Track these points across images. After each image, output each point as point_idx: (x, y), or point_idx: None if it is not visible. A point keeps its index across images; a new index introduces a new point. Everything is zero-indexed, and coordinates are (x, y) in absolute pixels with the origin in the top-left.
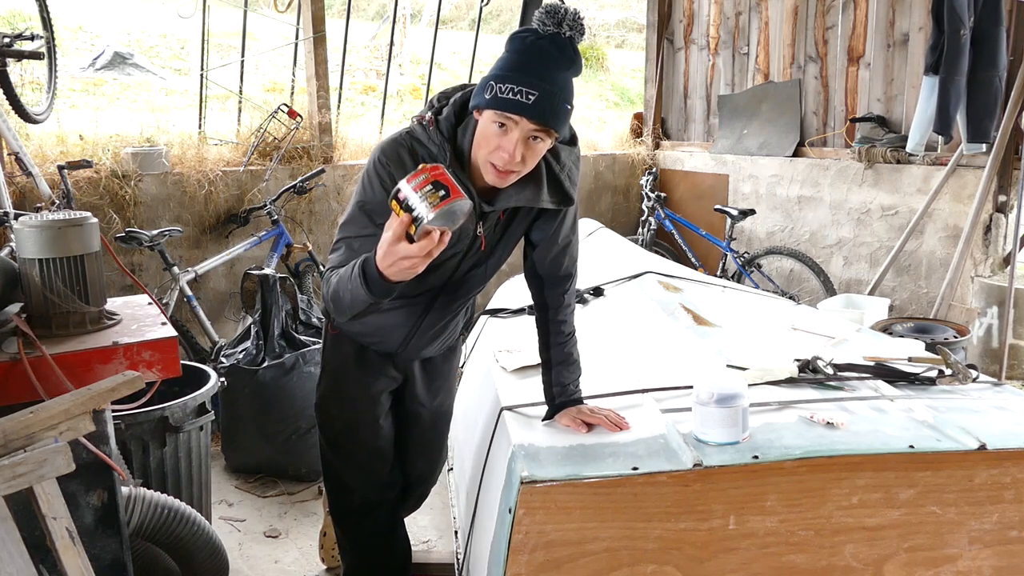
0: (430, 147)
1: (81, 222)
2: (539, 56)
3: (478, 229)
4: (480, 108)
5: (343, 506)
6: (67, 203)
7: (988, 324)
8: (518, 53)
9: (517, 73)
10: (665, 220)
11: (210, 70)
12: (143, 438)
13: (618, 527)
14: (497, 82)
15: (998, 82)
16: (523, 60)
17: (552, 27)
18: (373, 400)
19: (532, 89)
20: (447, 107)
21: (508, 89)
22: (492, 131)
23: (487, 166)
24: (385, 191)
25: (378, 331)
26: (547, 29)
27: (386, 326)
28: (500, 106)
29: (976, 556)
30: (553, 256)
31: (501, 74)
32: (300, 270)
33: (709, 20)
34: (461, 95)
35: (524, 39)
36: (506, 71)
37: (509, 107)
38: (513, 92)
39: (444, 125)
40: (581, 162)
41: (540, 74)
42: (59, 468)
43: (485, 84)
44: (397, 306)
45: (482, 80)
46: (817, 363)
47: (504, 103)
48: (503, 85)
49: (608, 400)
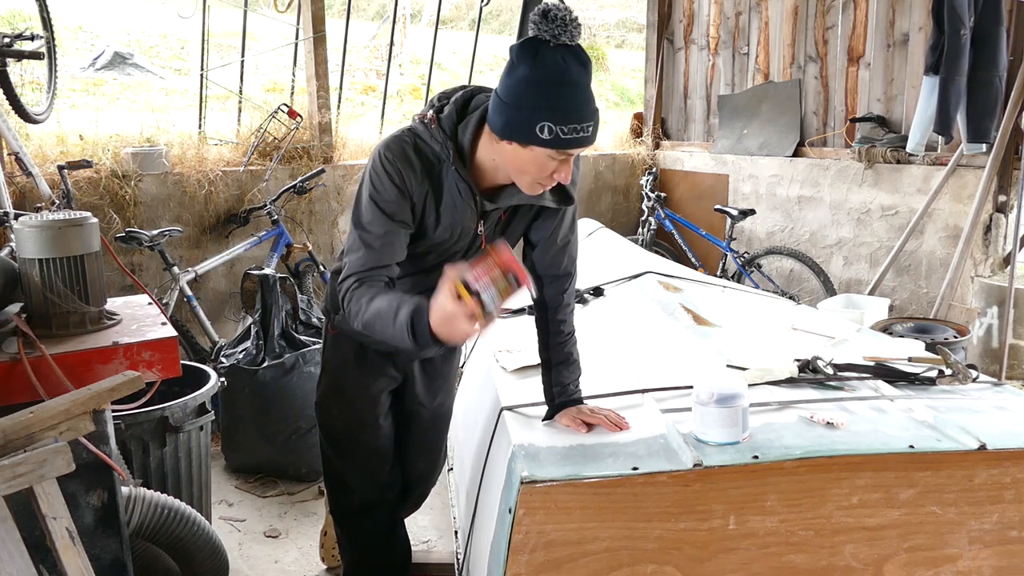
0: (432, 145)
1: (81, 222)
2: (579, 80)
3: (479, 228)
4: (537, 146)
5: (343, 506)
6: (67, 203)
7: (988, 324)
8: (563, 86)
9: (573, 112)
10: (665, 220)
11: (210, 70)
12: (143, 438)
13: (618, 527)
14: (557, 124)
15: (998, 82)
16: (573, 93)
17: (566, 38)
18: (373, 399)
19: (588, 122)
20: (448, 106)
21: (571, 129)
22: (546, 162)
23: (534, 187)
24: (396, 187)
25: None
26: (559, 38)
27: None
28: (566, 145)
29: (976, 556)
30: (552, 255)
31: (558, 115)
32: (300, 270)
33: (709, 20)
34: (462, 94)
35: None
36: (562, 111)
37: (572, 145)
38: (576, 131)
39: (446, 123)
40: (581, 162)
41: (588, 97)
42: (59, 468)
43: (533, 123)
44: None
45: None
46: (817, 363)
47: (569, 143)
48: (565, 127)
49: (608, 400)
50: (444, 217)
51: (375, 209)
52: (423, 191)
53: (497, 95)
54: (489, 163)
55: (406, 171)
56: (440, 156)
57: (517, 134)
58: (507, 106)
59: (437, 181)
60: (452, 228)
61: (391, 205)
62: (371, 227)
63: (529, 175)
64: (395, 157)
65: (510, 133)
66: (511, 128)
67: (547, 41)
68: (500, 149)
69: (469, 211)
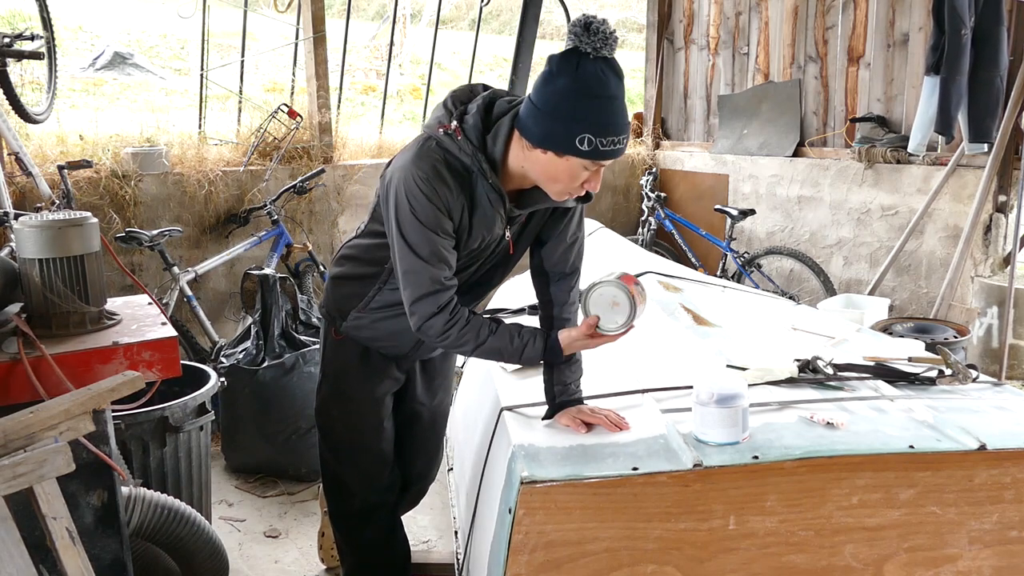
0: (462, 158)
1: (81, 222)
2: (615, 93)
3: (506, 233)
4: (574, 156)
5: (343, 510)
6: (67, 203)
7: (988, 324)
8: (602, 99)
9: (613, 125)
10: (665, 220)
11: (210, 70)
12: (143, 438)
13: (618, 527)
14: (597, 136)
15: (999, 82)
16: (611, 107)
17: (605, 51)
18: (378, 402)
19: (624, 133)
20: (471, 115)
21: (610, 141)
22: (579, 171)
23: (563, 194)
24: (437, 208)
25: (391, 335)
26: (599, 51)
27: (400, 330)
28: (602, 157)
29: (976, 556)
30: (562, 252)
31: (598, 128)
32: (300, 270)
33: (709, 20)
34: (483, 101)
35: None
36: (602, 124)
37: (609, 156)
38: (614, 143)
39: (473, 134)
40: None
41: (623, 114)
42: (59, 468)
43: (574, 134)
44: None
45: (564, 125)
46: (817, 363)
47: (606, 154)
48: (604, 139)
49: (608, 400)
50: (477, 226)
51: (427, 230)
52: (460, 205)
53: (534, 104)
54: (517, 170)
55: (442, 189)
56: (470, 167)
57: (556, 144)
58: (546, 116)
59: (470, 193)
60: (483, 236)
61: (435, 223)
62: (431, 247)
63: (561, 184)
64: (429, 177)
65: (549, 143)
66: (550, 138)
67: (587, 53)
68: (532, 157)
69: (499, 218)
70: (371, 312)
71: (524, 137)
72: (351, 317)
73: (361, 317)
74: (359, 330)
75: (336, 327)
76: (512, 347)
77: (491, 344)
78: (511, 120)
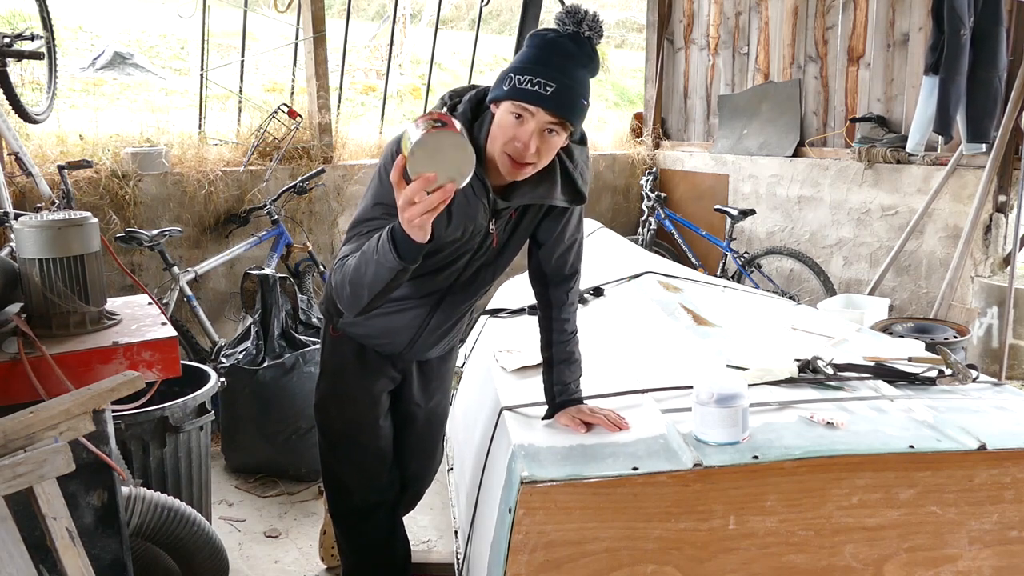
0: None
1: (81, 222)
2: (559, 52)
3: (490, 226)
4: (498, 100)
5: (342, 507)
6: (67, 203)
7: (988, 324)
8: (538, 48)
9: (536, 66)
10: (665, 220)
11: (210, 70)
12: (143, 438)
13: (618, 527)
14: (516, 74)
15: (998, 82)
16: (543, 55)
17: (572, 26)
18: (374, 400)
19: (551, 81)
20: (461, 104)
21: (527, 80)
22: (509, 122)
23: (503, 157)
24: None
25: (385, 333)
26: (567, 28)
27: (393, 328)
28: (518, 96)
29: (976, 556)
30: (559, 254)
31: (520, 66)
32: (300, 270)
33: (709, 20)
34: (475, 92)
35: (544, 36)
36: (525, 64)
37: (527, 97)
38: (532, 83)
39: (460, 121)
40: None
41: (560, 67)
42: (59, 468)
43: (504, 77)
44: (405, 307)
45: (501, 73)
46: (817, 363)
47: (522, 94)
48: (522, 77)
49: (608, 400)
50: (456, 215)
51: (378, 205)
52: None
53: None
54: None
55: None
56: None
57: (493, 92)
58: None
59: None
60: (464, 226)
61: (388, 201)
62: (371, 221)
63: (498, 142)
64: None
65: (492, 95)
66: (493, 90)
67: (559, 30)
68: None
69: (482, 208)
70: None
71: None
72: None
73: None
74: (355, 327)
75: (333, 324)
76: (370, 245)
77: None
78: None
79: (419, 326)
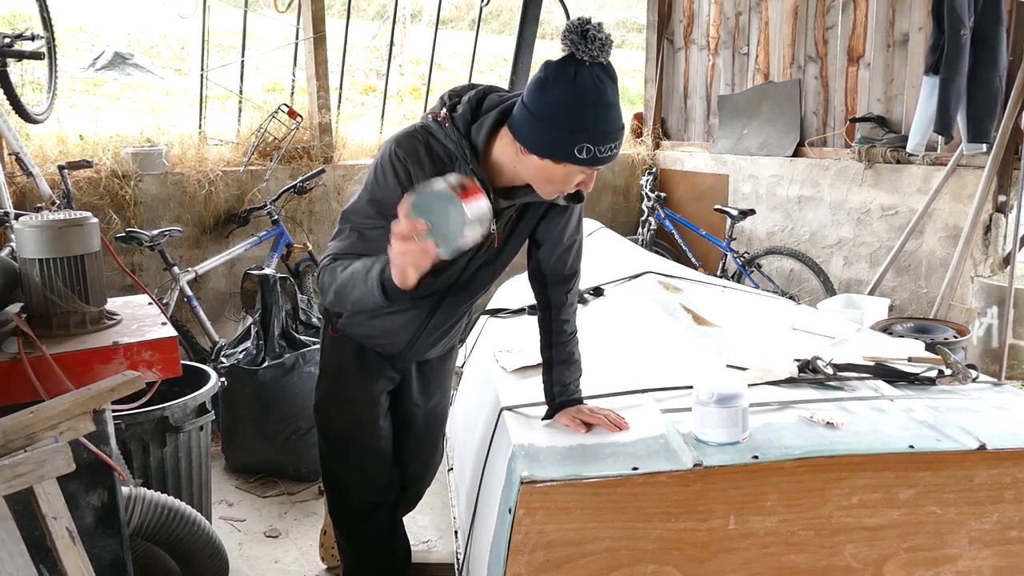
0: (447, 143)
1: (81, 222)
2: (609, 104)
3: (491, 226)
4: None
5: (342, 508)
6: (67, 203)
7: (988, 324)
8: (595, 107)
9: (609, 133)
10: (665, 220)
11: (210, 70)
12: (143, 438)
13: (618, 527)
14: (594, 144)
15: (998, 82)
16: (608, 114)
17: (601, 58)
18: (373, 400)
19: (619, 138)
20: (461, 104)
21: (607, 148)
22: (575, 175)
23: (555, 195)
24: (399, 184)
25: (384, 333)
26: (595, 58)
27: (393, 328)
28: (600, 163)
29: (976, 556)
30: (559, 254)
31: (595, 136)
32: (300, 270)
33: (709, 20)
34: (475, 93)
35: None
36: (600, 132)
37: (605, 162)
38: (611, 149)
39: (460, 122)
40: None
41: (619, 119)
42: (59, 468)
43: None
44: (404, 308)
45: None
46: (817, 363)
47: (604, 160)
48: (602, 146)
49: (608, 400)
50: None
51: (372, 202)
52: None
53: (528, 110)
54: (507, 166)
55: (415, 169)
56: (453, 155)
57: (554, 154)
58: (543, 124)
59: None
60: None
61: (388, 201)
62: (363, 219)
63: (555, 186)
64: (406, 154)
65: (546, 152)
66: (547, 147)
67: (583, 61)
68: (527, 161)
69: None
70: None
71: (519, 142)
72: (346, 314)
73: (356, 314)
74: (354, 327)
75: (333, 324)
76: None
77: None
78: (499, 113)
79: (419, 326)
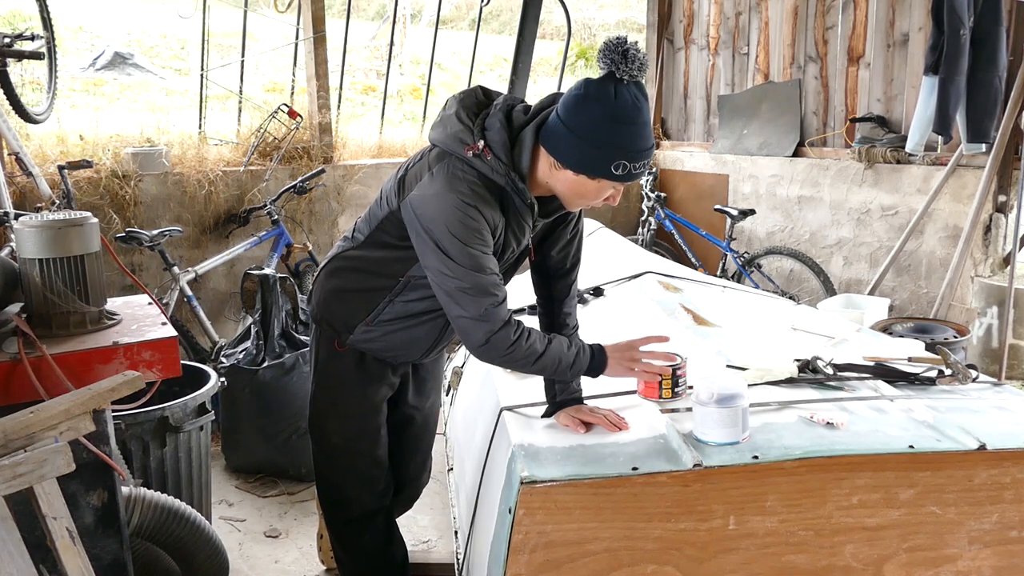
0: (496, 179)
1: (81, 222)
2: (644, 122)
3: (529, 240)
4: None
5: (341, 518)
6: (67, 203)
7: (988, 324)
8: (633, 125)
9: (644, 150)
10: (665, 220)
11: (210, 70)
12: (143, 438)
13: (618, 527)
14: (630, 161)
15: (998, 82)
16: (644, 132)
17: (639, 76)
18: (375, 408)
19: (650, 156)
20: (494, 131)
21: (641, 164)
22: (607, 190)
23: (584, 206)
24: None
25: (404, 344)
26: (633, 77)
27: (413, 338)
28: (631, 179)
29: (976, 556)
30: (562, 247)
31: (632, 153)
32: (300, 270)
33: (709, 20)
34: (501, 113)
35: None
36: (636, 149)
37: (639, 177)
38: (644, 164)
39: (502, 153)
40: None
41: (651, 138)
42: (59, 468)
43: (610, 160)
44: (425, 320)
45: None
46: (817, 363)
47: (635, 176)
48: (637, 163)
49: (608, 400)
50: (509, 239)
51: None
52: (502, 223)
53: (567, 127)
54: (539, 180)
55: (485, 209)
56: (503, 187)
57: (592, 170)
58: (582, 141)
59: (505, 209)
60: (514, 247)
61: (481, 241)
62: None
63: (585, 200)
64: (470, 200)
65: (584, 168)
66: (586, 164)
67: (622, 79)
68: (560, 175)
69: (527, 227)
70: (381, 325)
71: (554, 157)
72: (359, 331)
73: (371, 330)
74: (369, 342)
75: (339, 340)
76: (568, 352)
77: (551, 352)
78: (533, 132)
79: (437, 336)
